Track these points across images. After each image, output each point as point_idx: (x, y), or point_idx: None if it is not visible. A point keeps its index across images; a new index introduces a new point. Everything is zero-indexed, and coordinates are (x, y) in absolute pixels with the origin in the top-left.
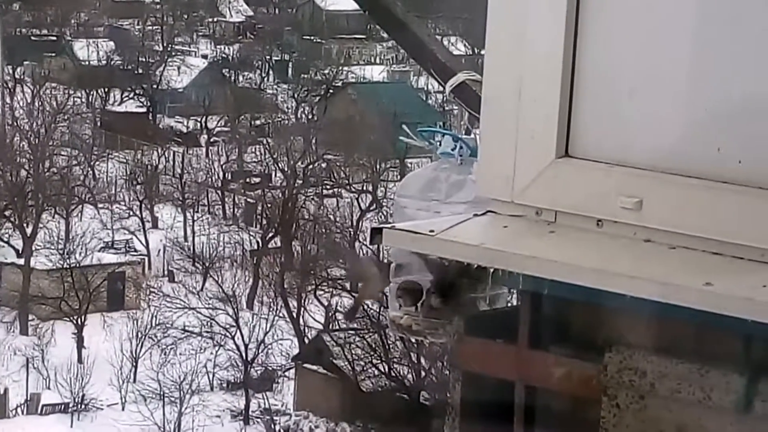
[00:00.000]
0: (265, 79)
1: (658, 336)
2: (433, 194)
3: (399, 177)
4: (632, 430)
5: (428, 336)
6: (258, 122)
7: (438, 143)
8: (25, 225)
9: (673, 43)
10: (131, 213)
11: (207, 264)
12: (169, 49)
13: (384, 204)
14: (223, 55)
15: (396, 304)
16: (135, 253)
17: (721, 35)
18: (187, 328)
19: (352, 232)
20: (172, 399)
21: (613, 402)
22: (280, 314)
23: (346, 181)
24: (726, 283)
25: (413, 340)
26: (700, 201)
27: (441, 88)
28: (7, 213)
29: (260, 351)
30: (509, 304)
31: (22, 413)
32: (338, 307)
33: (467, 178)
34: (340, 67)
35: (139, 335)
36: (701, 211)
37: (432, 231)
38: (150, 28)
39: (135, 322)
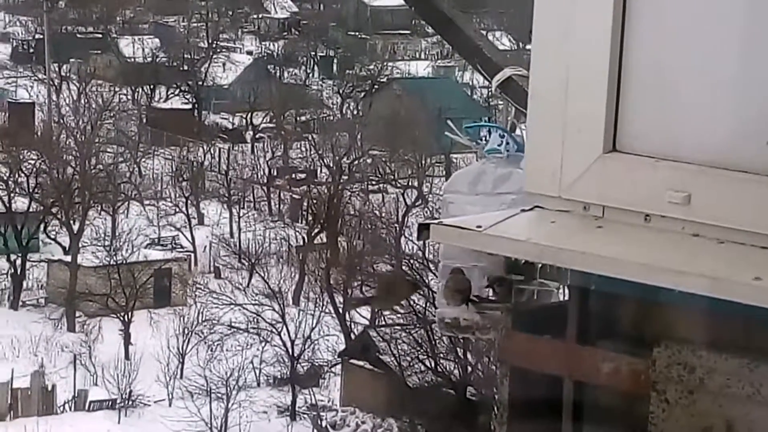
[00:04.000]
0: (310, 75)
1: (706, 331)
2: (480, 189)
3: (444, 172)
4: (681, 425)
5: (476, 333)
6: (303, 118)
7: (484, 139)
8: (71, 222)
9: (721, 37)
10: (177, 209)
11: (253, 260)
12: (214, 45)
13: (429, 199)
14: (268, 52)
15: (444, 302)
16: (181, 250)
17: None
18: (233, 324)
19: (397, 228)
20: (219, 395)
21: (662, 397)
22: (327, 310)
23: (392, 177)
24: None
25: (460, 337)
26: (749, 195)
27: (486, 83)
28: (54, 210)
29: (306, 347)
30: (557, 300)
31: (70, 410)
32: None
33: (513, 171)
34: (385, 63)
35: (186, 331)
36: (750, 205)
37: (479, 227)
38: (195, 24)
39: (181, 318)
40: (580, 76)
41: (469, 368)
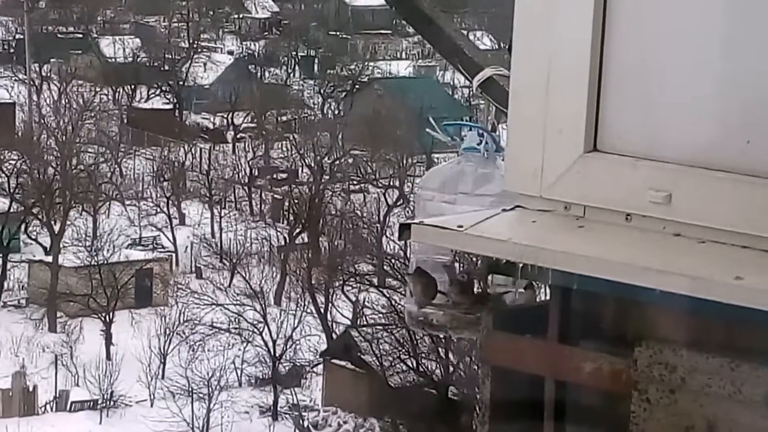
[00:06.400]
0: (291, 75)
1: (688, 330)
2: (456, 188)
3: (425, 172)
4: (663, 424)
5: (449, 331)
6: (284, 118)
7: (462, 138)
8: (52, 222)
9: (703, 35)
10: (158, 210)
11: (234, 260)
12: (195, 45)
13: (411, 199)
14: (249, 52)
15: (411, 299)
16: (162, 250)
17: (752, 27)
18: (215, 324)
19: (379, 228)
20: (201, 395)
21: (644, 397)
22: (308, 310)
23: (373, 177)
24: (756, 277)
25: (440, 336)
26: (730, 195)
27: (467, 83)
28: (34, 210)
29: (288, 347)
30: (538, 299)
31: (51, 410)
32: (365, 303)
33: (491, 171)
34: (366, 63)
35: (167, 332)
36: (731, 204)
37: (461, 226)
38: (176, 24)
39: (163, 318)
40: (560, 76)
41: (451, 368)
